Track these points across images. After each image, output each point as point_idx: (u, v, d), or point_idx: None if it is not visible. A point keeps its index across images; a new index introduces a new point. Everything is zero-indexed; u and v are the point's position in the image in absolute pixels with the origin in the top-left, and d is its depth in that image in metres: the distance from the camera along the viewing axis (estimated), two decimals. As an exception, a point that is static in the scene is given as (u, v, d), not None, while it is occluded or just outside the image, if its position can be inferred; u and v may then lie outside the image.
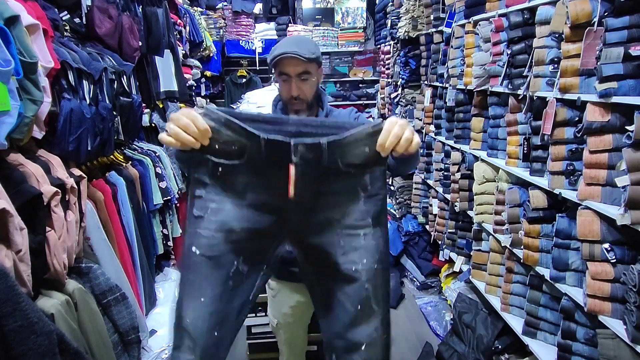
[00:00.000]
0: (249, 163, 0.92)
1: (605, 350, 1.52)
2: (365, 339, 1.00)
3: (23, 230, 1.36)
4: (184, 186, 3.67)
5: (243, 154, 0.91)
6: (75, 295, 1.67)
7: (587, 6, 1.56)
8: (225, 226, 0.94)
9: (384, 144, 0.91)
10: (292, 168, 0.91)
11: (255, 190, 0.94)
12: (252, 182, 0.94)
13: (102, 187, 2.32)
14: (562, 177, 1.74)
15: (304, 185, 0.93)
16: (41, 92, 1.59)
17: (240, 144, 0.91)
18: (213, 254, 0.94)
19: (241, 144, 0.91)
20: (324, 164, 0.92)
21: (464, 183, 2.59)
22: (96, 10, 2.34)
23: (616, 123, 1.50)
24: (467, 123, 2.64)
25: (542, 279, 1.92)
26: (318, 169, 0.92)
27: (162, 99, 3.53)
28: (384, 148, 0.91)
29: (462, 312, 2.48)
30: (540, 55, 1.81)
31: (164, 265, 3.50)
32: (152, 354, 2.47)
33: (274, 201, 0.95)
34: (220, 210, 0.94)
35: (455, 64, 2.73)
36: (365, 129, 0.92)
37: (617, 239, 1.54)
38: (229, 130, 0.90)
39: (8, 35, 1.40)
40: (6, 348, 1.19)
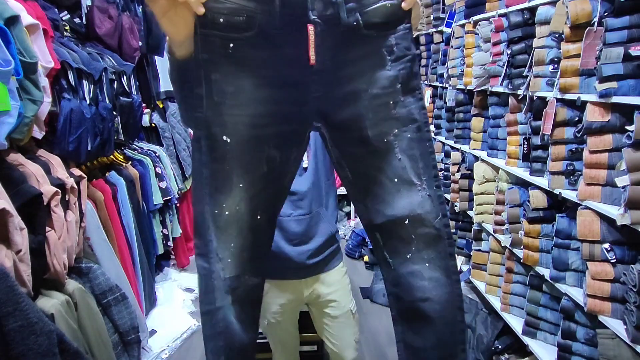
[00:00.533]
0: (261, 33, 0.82)
1: (605, 350, 1.52)
2: (408, 214, 0.89)
3: (23, 230, 1.36)
4: (184, 186, 3.67)
5: (253, 24, 0.81)
6: (75, 295, 1.67)
7: (587, 6, 1.56)
8: (248, 110, 0.86)
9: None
10: (310, 29, 0.83)
11: (272, 65, 0.85)
12: (268, 56, 0.84)
13: (102, 187, 2.33)
14: (562, 177, 1.74)
15: (325, 50, 0.84)
16: (41, 92, 1.59)
17: (248, 12, 0.80)
18: (243, 139, 0.86)
19: (249, 10, 0.80)
20: (344, 23, 0.83)
21: (464, 183, 2.59)
22: (96, 10, 2.35)
23: (616, 123, 1.50)
24: (467, 123, 2.64)
25: (542, 279, 1.92)
26: (338, 29, 0.84)
27: (162, 99, 3.53)
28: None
29: (462, 312, 2.48)
30: (540, 55, 1.81)
31: (164, 265, 3.51)
32: (152, 354, 2.48)
33: (294, 74, 0.86)
34: (239, 93, 0.85)
35: (455, 64, 2.73)
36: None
37: (617, 239, 1.54)
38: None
39: (8, 35, 1.40)
40: (6, 348, 1.19)
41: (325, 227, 1.53)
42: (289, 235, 1.45)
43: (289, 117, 0.89)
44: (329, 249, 1.57)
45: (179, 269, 3.61)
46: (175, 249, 3.58)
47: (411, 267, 0.91)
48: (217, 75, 0.83)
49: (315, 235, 1.50)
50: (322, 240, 1.52)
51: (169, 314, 2.85)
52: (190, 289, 3.25)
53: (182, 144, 3.75)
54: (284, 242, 1.46)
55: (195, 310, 3.02)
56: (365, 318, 2.91)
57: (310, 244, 1.50)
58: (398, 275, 0.93)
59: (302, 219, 1.47)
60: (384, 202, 0.91)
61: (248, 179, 0.88)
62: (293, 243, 1.48)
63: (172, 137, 3.62)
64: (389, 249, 0.94)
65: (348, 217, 4.68)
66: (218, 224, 0.88)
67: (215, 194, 0.87)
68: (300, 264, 1.50)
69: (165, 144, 3.53)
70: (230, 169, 0.87)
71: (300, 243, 1.49)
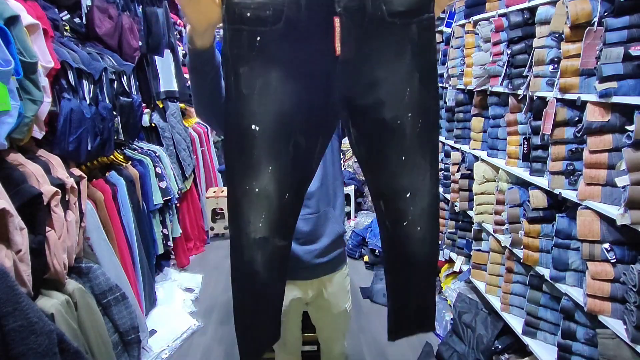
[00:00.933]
0: (288, 26, 0.86)
1: (605, 350, 1.52)
2: (410, 188, 1.02)
3: (23, 230, 1.36)
4: (184, 186, 3.68)
5: (280, 17, 0.85)
6: (75, 295, 1.67)
7: (587, 6, 1.56)
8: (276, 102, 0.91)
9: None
10: (336, 21, 0.86)
11: (299, 57, 0.89)
12: (295, 48, 0.88)
13: (102, 187, 2.33)
14: (562, 177, 1.74)
15: (350, 40, 0.88)
16: (41, 92, 1.59)
17: (275, 5, 0.84)
18: (271, 128, 0.93)
19: (276, 4, 0.84)
20: (369, 13, 0.87)
21: (464, 183, 2.59)
22: (96, 10, 2.35)
23: (616, 123, 1.50)
24: (467, 123, 2.64)
25: (542, 279, 1.92)
26: (363, 19, 0.87)
27: (162, 99, 3.53)
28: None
29: (462, 312, 2.48)
30: (540, 55, 1.81)
31: (164, 265, 3.51)
32: (152, 354, 2.48)
33: (320, 65, 0.90)
34: (267, 85, 0.90)
35: (455, 64, 2.73)
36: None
37: (617, 239, 1.54)
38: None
39: (8, 35, 1.40)
40: (6, 348, 1.19)
41: (332, 227, 1.52)
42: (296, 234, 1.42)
43: (316, 106, 0.94)
44: (336, 250, 1.56)
45: (179, 269, 3.61)
46: (175, 249, 3.58)
47: (405, 231, 1.06)
48: (245, 68, 0.87)
49: (322, 235, 1.50)
50: (330, 240, 1.52)
51: (169, 314, 2.85)
52: (190, 289, 3.25)
53: (182, 143, 3.75)
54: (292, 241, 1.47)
55: (195, 310, 3.03)
56: (366, 318, 2.91)
57: (317, 243, 1.50)
58: (393, 237, 1.08)
59: (310, 218, 1.47)
60: (391, 176, 1.02)
61: (276, 164, 0.96)
62: (300, 242, 1.48)
63: (172, 137, 3.62)
64: (389, 216, 1.06)
65: (348, 217, 4.69)
66: (249, 198, 0.97)
67: (245, 175, 0.96)
68: (308, 264, 1.50)
69: (165, 144, 3.53)
70: (259, 155, 0.94)
71: (307, 242, 1.49)
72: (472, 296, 2.61)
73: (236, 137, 0.93)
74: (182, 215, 3.72)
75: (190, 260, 3.76)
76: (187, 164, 3.74)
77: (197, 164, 4.19)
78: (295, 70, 0.90)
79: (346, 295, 1.69)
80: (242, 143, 0.93)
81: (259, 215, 0.99)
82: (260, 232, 1.01)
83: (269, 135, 0.93)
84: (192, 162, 3.90)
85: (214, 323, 2.90)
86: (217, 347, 2.64)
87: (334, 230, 1.53)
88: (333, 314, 1.67)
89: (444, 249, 3.01)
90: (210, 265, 3.74)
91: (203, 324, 2.86)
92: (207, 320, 2.91)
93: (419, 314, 1.18)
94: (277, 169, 0.96)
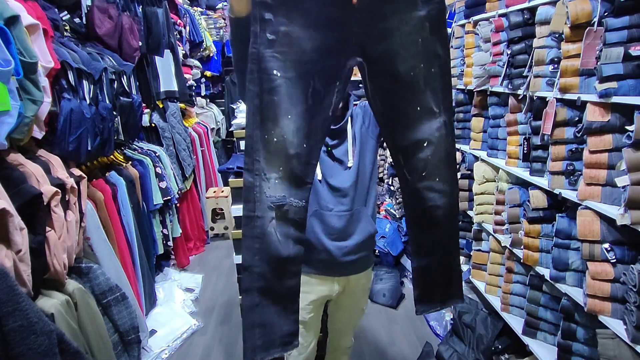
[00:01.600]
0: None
1: (605, 350, 1.52)
2: (427, 137, 1.05)
3: (23, 230, 1.36)
4: (184, 186, 3.68)
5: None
6: (75, 295, 1.67)
7: (587, 6, 1.56)
8: (298, 48, 0.97)
9: None
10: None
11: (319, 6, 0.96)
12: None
13: (102, 187, 2.33)
14: (562, 177, 1.74)
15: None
16: (41, 92, 1.59)
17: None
18: (291, 75, 0.97)
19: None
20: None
21: (464, 183, 2.59)
22: (96, 10, 2.35)
23: (616, 123, 1.50)
24: (467, 123, 2.64)
25: (542, 279, 1.92)
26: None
27: (162, 99, 3.53)
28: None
29: (462, 312, 2.48)
30: (540, 55, 1.81)
31: (164, 265, 3.51)
32: (152, 354, 2.48)
33: (338, 14, 0.96)
34: (290, 33, 0.95)
35: (455, 64, 2.73)
36: None
37: (617, 239, 1.54)
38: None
39: (8, 35, 1.40)
40: (6, 348, 1.19)
41: (364, 226, 1.52)
42: (329, 230, 1.49)
43: (333, 51, 0.99)
44: (365, 250, 1.57)
45: (179, 269, 3.61)
46: (175, 249, 3.58)
47: (425, 182, 1.09)
48: (270, 15, 0.94)
49: (354, 233, 1.51)
50: (361, 239, 1.52)
51: (169, 314, 2.85)
52: (190, 289, 3.25)
53: (182, 144, 3.75)
54: (324, 236, 1.49)
55: (195, 310, 3.03)
56: (366, 318, 2.91)
57: (348, 240, 1.51)
58: (414, 189, 1.10)
59: (343, 215, 1.48)
60: (408, 128, 1.06)
61: (295, 111, 0.99)
62: (332, 237, 1.49)
63: (172, 137, 3.62)
64: (408, 167, 1.10)
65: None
66: (267, 148, 1.00)
67: (265, 121, 0.99)
68: (337, 260, 1.51)
69: (165, 144, 3.53)
70: (279, 101, 0.98)
71: (338, 238, 1.50)
72: (472, 296, 2.61)
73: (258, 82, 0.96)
74: (182, 215, 3.72)
75: (190, 260, 3.76)
76: (187, 164, 3.74)
77: (197, 164, 4.19)
78: (315, 19, 0.96)
79: (366, 296, 1.76)
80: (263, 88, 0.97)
81: (277, 170, 1.01)
82: (276, 190, 1.01)
83: (290, 80, 0.97)
84: (192, 162, 3.90)
85: (214, 323, 2.90)
86: (217, 347, 2.64)
87: (366, 229, 1.53)
88: (351, 311, 1.74)
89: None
90: (210, 265, 3.74)
91: (203, 324, 2.86)
92: (207, 320, 2.91)
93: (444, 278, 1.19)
94: (297, 114, 0.99)
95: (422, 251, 1.17)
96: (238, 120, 2.62)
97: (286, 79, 0.97)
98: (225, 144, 5.56)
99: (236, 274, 2.52)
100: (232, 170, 2.41)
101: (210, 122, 5.07)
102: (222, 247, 4.12)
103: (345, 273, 1.58)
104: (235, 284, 2.65)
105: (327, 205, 1.47)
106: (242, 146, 2.57)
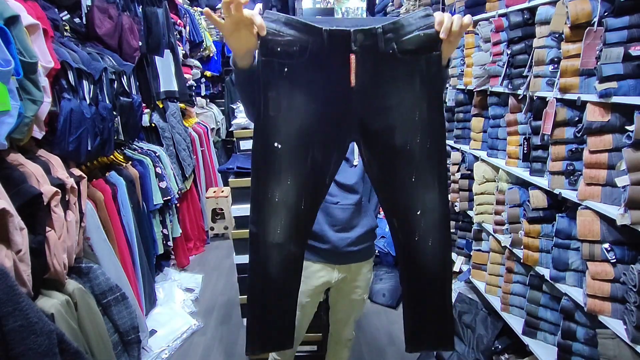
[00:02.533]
0: (311, 59, 1.00)
1: (605, 350, 1.52)
2: (421, 206, 1.11)
3: (23, 230, 1.36)
4: (184, 186, 3.68)
5: (305, 51, 0.99)
6: (75, 295, 1.67)
7: (587, 6, 1.56)
8: (298, 121, 1.04)
9: (442, 20, 0.99)
10: (352, 57, 0.99)
11: (320, 85, 1.03)
12: (317, 78, 1.02)
13: (102, 187, 2.33)
14: (562, 177, 1.74)
15: (364, 73, 1.01)
16: (41, 92, 1.59)
17: (301, 42, 0.99)
18: (291, 145, 1.06)
19: (302, 41, 0.99)
20: (381, 51, 1.00)
21: (464, 183, 2.59)
22: (96, 10, 2.35)
23: (616, 123, 1.50)
24: (467, 123, 2.64)
25: (542, 279, 1.92)
26: (376, 56, 1.00)
27: (162, 99, 3.53)
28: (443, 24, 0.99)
29: (462, 312, 2.48)
30: (540, 55, 1.81)
31: (164, 265, 3.51)
32: (152, 354, 2.48)
33: (338, 93, 1.03)
34: (292, 108, 1.03)
35: (455, 64, 2.73)
36: (417, 12, 1.01)
37: (617, 239, 1.54)
38: (290, 28, 0.98)
39: (8, 35, 1.40)
40: (6, 348, 1.19)
41: (367, 220, 1.61)
42: (333, 221, 1.57)
43: (332, 127, 1.07)
44: (366, 242, 1.65)
45: (179, 269, 3.61)
46: (175, 249, 3.58)
47: (418, 246, 1.14)
48: (273, 93, 1.02)
49: (357, 226, 1.60)
50: (363, 231, 1.60)
51: (169, 314, 2.85)
52: (190, 289, 3.25)
53: (182, 144, 3.75)
54: (328, 227, 1.57)
55: (195, 310, 3.03)
56: (365, 318, 2.91)
57: (351, 232, 1.59)
58: (408, 250, 1.16)
59: (347, 208, 1.57)
60: (403, 195, 1.12)
61: (295, 176, 1.08)
62: (336, 229, 1.57)
63: (172, 137, 3.62)
64: (402, 232, 1.15)
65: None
66: (270, 204, 1.10)
67: (267, 185, 1.09)
68: (340, 250, 1.59)
69: (165, 144, 3.53)
70: (279, 168, 1.07)
71: (342, 230, 1.58)
72: (472, 296, 2.61)
73: (262, 152, 1.06)
74: (182, 215, 3.72)
75: (190, 260, 3.76)
76: (187, 164, 3.74)
77: (197, 164, 4.19)
78: (315, 97, 1.04)
79: (367, 287, 1.79)
80: (266, 157, 1.07)
81: (278, 222, 1.11)
82: (278, 237, 1.12)
83: (290, 151, 1.06)
84: (192, 162, 3.90)
85: (214, 323, 2.90)
86: (217, 347, 2.64)
87: (368, 223, 1.62)
88: (351, 299, 1.77)
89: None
90: (210, 265, 3.74)
91: (203, 324, 2.86)
92: (207, 320, 2.91)
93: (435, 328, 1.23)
94: (296, 180, 1.08)
95: (414, 299, 1.22)
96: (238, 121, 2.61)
97: (287, 149, 1.06)
98: (225, 144, 5.56)
99: (236, 274, 2.53)
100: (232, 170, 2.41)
101: (210, 122, 5.07)
102: (222, 247, 4.12)
103: (347, 261, 1.65)
104: (236, 283, 2.65)
105: (333, 198, 1.55)
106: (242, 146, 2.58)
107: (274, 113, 1.03)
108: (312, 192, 1.13)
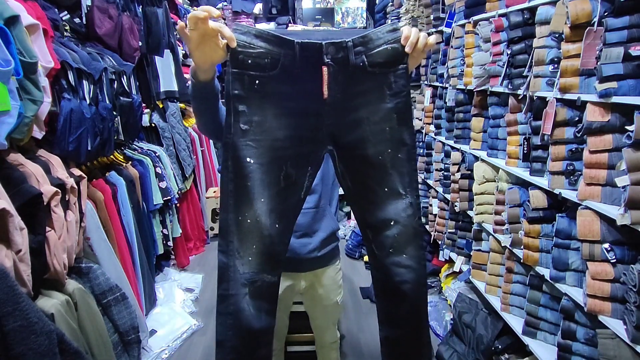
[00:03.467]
0: (283, 72, 0.99)
1: (605, 350, 1.52)
2: (394, 217, 1.10)
3: (23, 230, 1.36)
4: (184, 186, 3.68)
5: (276, 64, 0.98)
6: (75, 295, 1.67)
7: (587, 6, 1.56)
8: (270, 135, 1.02)
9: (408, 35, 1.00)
10: (324, 69, 0.99)
11: (292, 98, 1.02)
12: (288, 91, 1.01)
13: (102, 187, 2.33)
14: (562, 177, 1.74)
15: (336, 85, 1.01)
16: (41, 92, 1.59)
17: (272, 55, 0.97)
18: (264, 161, 1.02)
19: (274, 54, 0.97)
20: (352, 63, 1.00)
21: (464, 183, 2.59)
22: (96, 10, 2.35)
23: (616, 123, 1.50)
24: (467, 123, 2.64)
25: (542, 279, 1.92)
26: (347, 69, 1.00)
27: (162, 99, 3.53)
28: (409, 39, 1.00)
29: (462, 312, 2.48)
30: (540, 55, 1.81)
31: (164, 265, 3.51)
32: (152, 354, 2.48)
33: (310, 106, 1.02)
34: (263, 122, 1.01)
35: (455, 64, 2.73)
36: (384, 26, 1.02)
37: (617, 239, 1.54)
38: (261, 41, 0.97)
39: (8, 35, 1.40)
40: (6, 348, 1.19)
41: (328, 223, 1.59)
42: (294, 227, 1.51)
43: (305, 140, 1.05)
44: (329, 246, 1.63)
45: (179, 269, 3.61)
46: (175, 249, 3.58)
47: (392, 258, 1.12)
48: (244, 106, 0.99)
49: (318, 230, 1.57)
50: (325, 236, 1.58)
51: (169, 314, 2.85)
52: (190, 289, 3.25)
53: (182, 143, 3.75)
54: None
55: (195, 310, 3.03)
56: (365, 318, 2.91)
57: (313, 237, 1.56)
58: (382, 264, 1.14)
59: (308, 212, 1.54)
60: (376, 206, 1.11)
61: (267, 194, 1.03)
62: (297, 235, 1.54)
63: (172, 137, 3.62)
64: (376, 243, 1.14)
65: (348, 217, 4.69)
66: (241, 229, 1.03)
67: (238, 205, 1.03)
68: (302, 257, 1.56)
69: (165, 144, 3.53)
70: (252, 185, 1.02)
71: (303, 235, 1.55)
72: (472, 296, 2.61)
73: (232, 169, 1.02)
74: (182, 215, 3.72)
75: (190, 260, 3.76)
76: (187, 164, 3.74)
77: (197, 164, 4.19)
78: (288, 110, 1.02)
79: (338, 289, 1.77)
80: (237, 174, 1.02)
81: (250, 248, 1.04)
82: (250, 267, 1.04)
83: (263, 168, 1.02)
84: (192, 162, 3.90)
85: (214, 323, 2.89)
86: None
87: (329, 226, 1.60)
88: (325, 305, 1.76)
89: (444, 249, 3.01)
90: (210, 265, 3.74)
91: (203, 324, 2.86)
92: (207, 320, 2.91)
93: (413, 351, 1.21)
94: (269, 199, 1.03)
95: (391, 323, 1.20)
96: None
97: (259, 164, 1.01)
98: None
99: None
100: (232, 170, 2.41)
101: (210, 122, 5.06)
102: (222, 247, 4.12)
103: (312, 268, 1.64)
104: (235, 284, 2.65)
105: None
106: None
107: (245, 127, 1.00)
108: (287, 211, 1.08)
